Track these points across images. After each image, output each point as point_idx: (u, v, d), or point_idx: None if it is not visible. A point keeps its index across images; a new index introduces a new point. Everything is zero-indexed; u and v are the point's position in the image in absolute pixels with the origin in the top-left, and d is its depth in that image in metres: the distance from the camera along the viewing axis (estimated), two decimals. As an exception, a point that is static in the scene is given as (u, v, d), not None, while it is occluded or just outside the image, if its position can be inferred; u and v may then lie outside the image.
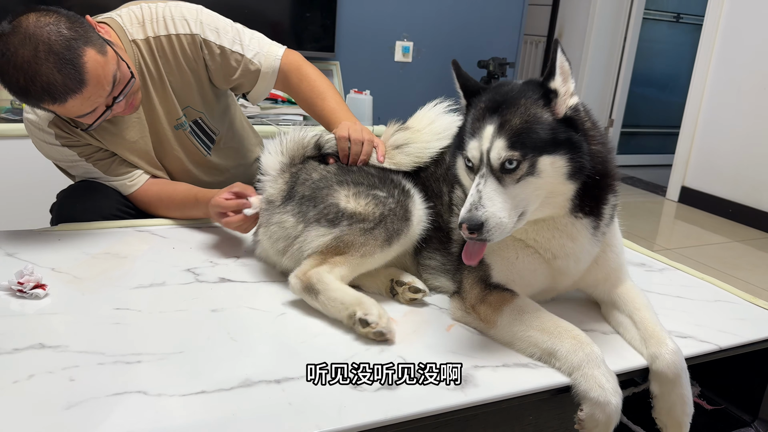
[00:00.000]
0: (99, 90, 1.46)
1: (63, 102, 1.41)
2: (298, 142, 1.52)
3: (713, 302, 1.52)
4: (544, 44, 6.65)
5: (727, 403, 1.53)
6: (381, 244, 1.30)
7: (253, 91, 1.87)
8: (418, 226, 1.37)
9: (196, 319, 1.24)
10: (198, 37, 1.74)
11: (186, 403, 0.97)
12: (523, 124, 1.13)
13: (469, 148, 1.16)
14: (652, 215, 4.82)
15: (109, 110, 1.53)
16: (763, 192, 4.52)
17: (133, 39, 1.69)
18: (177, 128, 1.83)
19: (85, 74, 1.41)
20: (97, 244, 1.57)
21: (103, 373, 1.04)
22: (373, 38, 4.42)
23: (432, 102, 1.57)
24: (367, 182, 1.40)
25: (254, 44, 1.82)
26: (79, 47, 1.40)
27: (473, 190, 1.12)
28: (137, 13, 1.71)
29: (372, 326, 1.16)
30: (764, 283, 3.44)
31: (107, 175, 1.75)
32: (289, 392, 1.01)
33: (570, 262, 1.26)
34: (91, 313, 1.24)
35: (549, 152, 1.14)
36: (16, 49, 1.35)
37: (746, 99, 4.61)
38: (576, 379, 1.08)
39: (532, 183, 1.13)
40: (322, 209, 1.34)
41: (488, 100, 1.19)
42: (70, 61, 1.38)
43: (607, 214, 1.27)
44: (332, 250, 1.30)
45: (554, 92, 1.16)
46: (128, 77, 1.54)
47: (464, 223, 1.09)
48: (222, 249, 1.60)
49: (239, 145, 2.08)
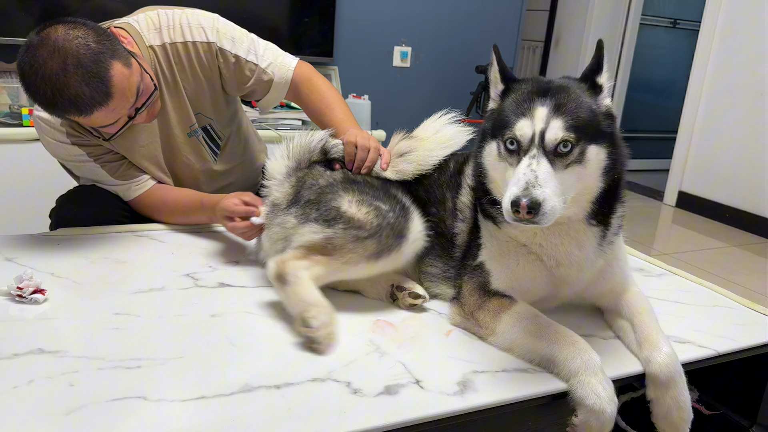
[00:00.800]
0: (123, 102, 1.47)
1: (89, 114, 1.43)
2: (304, 146, 1.52)
3: (711, 307, 1.53)
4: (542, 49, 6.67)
5: (726, 408, 1.53)
6: (368, 256, 1.28)
7: (264, 99, 1.89)
8: (412, 245, 1.34)
9: (195, 324, 1.24)
10: (214, 45, 1.76)
11: (186, 408, 0.97)
12: (578, 109, 1.14)
13: (518, 127, 1.13)
14: (649, 220, 4.83)
15: (131, 120, 1.55)
16: (760, 197, 4.53)
17: (150, 45, 1.70)
18: (190, 135, 1.84)
19: (112, 87, 1.42)
20: (96, 249, 1.57)
21: (102, 378, 1.04)
22: (372, 43, 4.44)
23: (438, 113, 1.56)
24: (372, 193, 1.39)
25: (268, 54, 1.84)
26: (106, 60, 1.41)
27: (524, 169, 1.08)
28: (154, 19, 1.73)
29: (309, 329, 1.16)
30: (762, 288, 3.44)
31: (113, 177, 1.75)
32: (288, 398, 1.01)
33: (573, 271, 1.25)
34: (91, 318, 1.24)
35: (596, 142, 1.15)
36: (45, 61, 1.36)
37: (743, 104, 4.63)
38: (573, 385, 1.08)
39: (576, 171, 1.13)
40: (323, 211, 1.34)
41: (534, 85, 1.18)
42: (98, 75, 1.39)
43: (615, 224, 1.27)
44: (319, 248, 1.29)
45: (600, 87, 1.19)
46: (151, 89, 1.56)
47: (522, 201, 1.04)
48: (221, 254, 1.61)
49: (244, 151, 2.08)
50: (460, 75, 4.82)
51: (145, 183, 1.78)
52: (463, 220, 1.39)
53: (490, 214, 1.29)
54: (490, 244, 1.30)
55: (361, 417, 0.98)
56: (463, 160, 1.47)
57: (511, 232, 1.26)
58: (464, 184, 1.41)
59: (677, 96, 5.60)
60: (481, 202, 1.31)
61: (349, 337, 1.22)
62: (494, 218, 1.28)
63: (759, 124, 4.52)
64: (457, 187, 1.42)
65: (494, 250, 1.28)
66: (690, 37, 6.02)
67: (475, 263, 1.30)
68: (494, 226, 1.29)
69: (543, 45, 6.64)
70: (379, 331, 1.27)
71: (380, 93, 4.36)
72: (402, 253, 1.32)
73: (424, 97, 4.67)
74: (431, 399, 1.04)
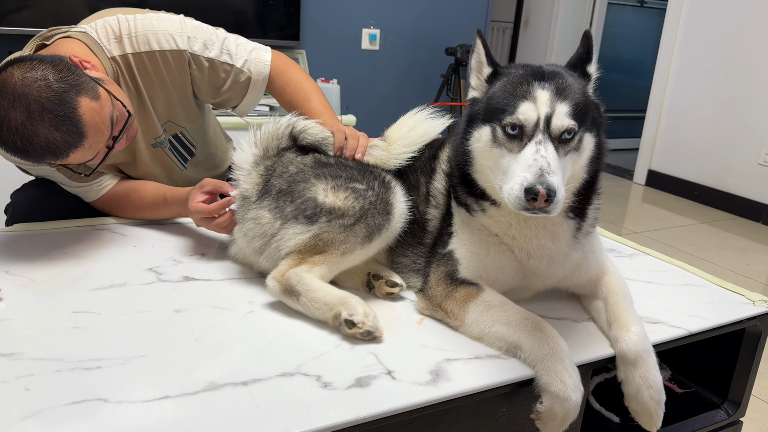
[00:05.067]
0: (99, 137, 1.37)
1: (65, 157, 1.33)
2: (272, 133, 1.46)
3: (682, 286, 1.53)
4: (512, 30, 6.67)
5: (698, 386, 1.54)
6: (362, 240, 1.26)
7: (242, 103, 1.79)
8: (400, 219, 1.32)
9: (158, 321, 1.20)
10: (186, 53, 1.65)
11: (148, 409, 0.94)
12: (577, 95, 1.12)
13: (522, 110, 1.08)
14: (620, 199, 4.88)
15: (110, 150, 1.45)
16: (727, 174, 4.60)
17: (112, 56, 1.59)
18: (155, 146, 1.75)
19: (84, 126, 1.32)
20: (55, 245, 1.52)
21: (60, 380, 0.99)
22: (339, 26, 4.37)
23: (414, 109, 1.49)
24: (346, 174, 1.34)
25: (241, 51, 1.74)
26: (72, 99, 1.30)
27: (534, 155, 1.04)
28: (114, 26, 1.59)
29: (359, 326, 1.13)
30: (730, 263, 3.50)
31: (72, 180, 1.66)
32: (256, 394, 0.98)
33: (543, 264, 1.23)
34: (48, 318, 1.19)
35: (590, 130, 1.13)
36: (8, 112, 1.26)
37: (710, 82, 4.68)
38: (538, 371, 1.07)
39: (572, 160, 1.11)
40: (299, 204, 1.29)
41: (529, 69, 1.15)
42: (66, 117, 1.29)
43: (592, 215, 1.26)
44: (311, 248, 1.25)
45: (589, 76, 1.18)
46: (125, 115, 1.45)
47: (541, 189, 0.99)
48: (186, 246, 1.56)
49: (213, 155, 2.00)
50: (429, 57, 4.79)
51: (107, 183, 1.70)
52: (436, 207, 1.36)
53: (463, 202, 1.27)
54: (462, 232, 1.27)
55: (332, 411, 0.95)
56: (438, 145, 1.43)
57: (485, 221, 1.24)
58: (439, 169, 1.38)
59: (646, 75, 5.65)
60: (456, 189, 1.28)
61: (319, 329, 1.19)
62: (468, 206, 1.26)
63: (726, 102, 4.58)
64: (431, 173, 1.39)
65: (465, 238, 1.26)
66: (657, 16, 6.08)
67: (444, 251, 1.28)
68: (467, 214, 1.26)
69: (512, 26, 6.64)
70: (350, 321, 1.24)
71: (349, 77, 4.31)
72: (392, 228, 1.31)
73: (394, 80, 4.63)
74: (403, 390, 1.02)
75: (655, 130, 5.10)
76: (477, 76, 1.23)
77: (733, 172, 4.55)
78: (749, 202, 4.44)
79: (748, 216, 4.43)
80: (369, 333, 1.14)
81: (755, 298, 1.44)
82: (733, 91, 4.51)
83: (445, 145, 1.40)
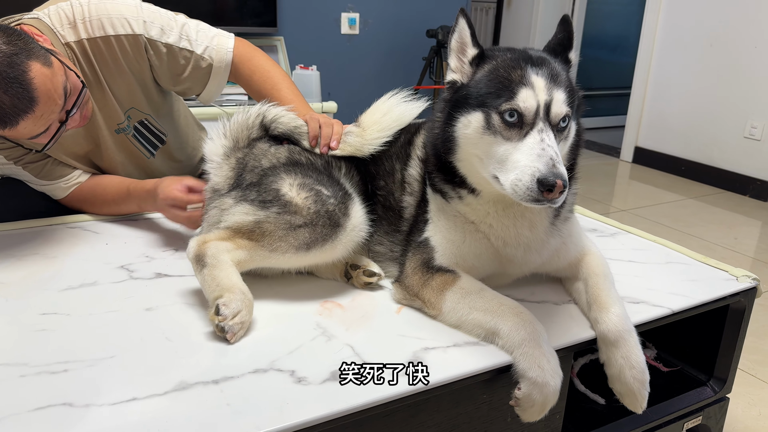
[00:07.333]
0: (51, 105, 1.31)
1: (15, 125, 1.27)
2: (241, 123, 1.42)
3: (665, 264, 1.51)
4: (494, 11, 6.60)
5: (684, 364, 1.53)
6: (298, 246, 1.19)
7: (205, 91, 1.73)
8: (350, 235, 1.24)
9: (128, 320, 1.16)
10: (141, 37, 1.59)
11: (115, 412, 0.91)
12: (567, 82, 1.10)
13: (522, 97, 1.03)
14: (607, 177, 4.86)
15: (63, 126, 1.39)
16: (713, 148, 4.59)
17: (67, 42, 1.53)
18: (118, 132, 1.70)
19: (34, 90, 1.26)
20: (23, 245, 1.48)
21: (25, 386, 0.96)
22: (318, 10, 4.30)
23: (388, 93, 1.44)
24: (316, 177, 1.30)
25: (202, 37, 1.68)
26: (22, 62, 1.25)
27: (540, 144, 1.01)
28: (67, 12, 1.54)
29: (220, 318, 1.08)
30: (718, 238, 3.50)
31: (38, 179, 1.62)
32: (227, 393, 0.95)
33: (519, 252, 1.20)
34: (14, 321, 1.15)
35: (575, 118, 1.12)
36: None
37: (694, 57, 4.65)
38: (516, 357, 1.05)
39: (562, 148, 1.09)
40: (261, 192, 1.26)
41: (516, 53, 1.11)
42: (15, 79, 1.23)
43: (570, 200, 1.24)
44: (246, 232, 1.20)
45: (569, 62, 1.16)
46: (79, 86, 1.40)
47: (558, 181, 0.96)
48: (158, 242, 1.52)
49: (184, 145, 1.95)
50: (410, 40, 4.73)
51: (75, 180, 1.66)
52: (411, 194, 1.32)
53: (440, 189, 1.23)
54: (437, 219, 1.24)
55: (305, 407, 0.93)
56: (414, 130, 1.39)
57: (461, 208, 1.21)
58: (414, 155, 1.34)
59: (630, 52, 5.61)
60: (432, 175, 1.25)
61: (294, 321, 1.17)
62: (444, 192, 1.23)
63: (710, 76, 4.55)
64: (406, 159, 1.35)
65: (441, 225, 1.23)
66: (640, -8, 6.01)
67: (420, 239, 1.25)
68: (443, 201, 1.23)
69: (495, 6, 6.57)
70: (326, 313, 1.21)
71: (329, 63, 4.24)
72: (337, 243, 1.23)
73: (376, 64, 4.57)
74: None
75: (641, 107, 5.08)
76: (459, 58, 1.16)
77: (720, 146, 4.54)
78: (736, 176, 4.43)
79: (735, 189, 4.42)
80: (222, 330, 1.08)
81: (738, 273, 1.43)
82: (718, 65, 4.49)
83: (420, 130, 1.36)
